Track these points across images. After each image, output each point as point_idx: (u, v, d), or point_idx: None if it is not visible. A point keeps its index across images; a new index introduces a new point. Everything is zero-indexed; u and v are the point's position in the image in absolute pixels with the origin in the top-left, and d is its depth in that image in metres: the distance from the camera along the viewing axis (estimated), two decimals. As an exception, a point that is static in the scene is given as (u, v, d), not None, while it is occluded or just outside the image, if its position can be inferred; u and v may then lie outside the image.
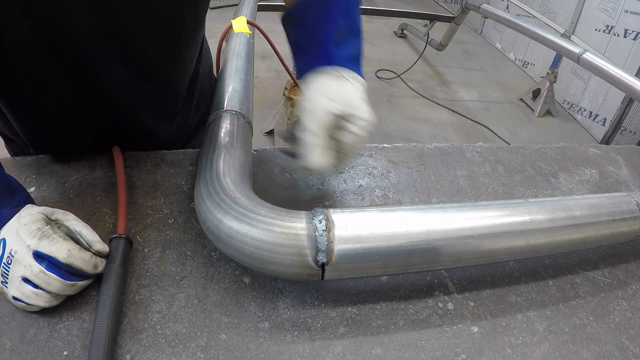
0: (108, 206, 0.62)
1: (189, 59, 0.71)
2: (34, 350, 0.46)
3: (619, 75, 1.55)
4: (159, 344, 0.48)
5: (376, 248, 0.47)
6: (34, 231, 0.47)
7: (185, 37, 0.65)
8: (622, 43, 2.96)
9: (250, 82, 0.78)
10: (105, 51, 0.57)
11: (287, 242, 0.45)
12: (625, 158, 0.89)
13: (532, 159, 0.84)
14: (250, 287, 0.54)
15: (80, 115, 0.64)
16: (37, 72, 0.56)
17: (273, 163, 0.74)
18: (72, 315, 0.49)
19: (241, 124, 0.64)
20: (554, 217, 0.54)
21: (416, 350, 0.50)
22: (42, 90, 0.59)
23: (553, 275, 0.61)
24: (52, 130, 0.67)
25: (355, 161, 0.77)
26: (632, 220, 0.58)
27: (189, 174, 0.69)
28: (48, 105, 0.61)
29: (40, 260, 0.46)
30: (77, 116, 0.64)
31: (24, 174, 0.66)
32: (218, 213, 0.48)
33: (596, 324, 0.55)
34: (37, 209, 0.50)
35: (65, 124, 0.66)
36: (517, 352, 0.51)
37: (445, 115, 3.28)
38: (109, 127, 0.68)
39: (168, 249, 0.57)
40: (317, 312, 0.53)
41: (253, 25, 1.06)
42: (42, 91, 0.59)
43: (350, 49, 0.59)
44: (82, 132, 0.68)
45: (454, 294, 0.57)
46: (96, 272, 0.49)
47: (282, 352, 0.48)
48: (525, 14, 3.93)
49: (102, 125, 0.68)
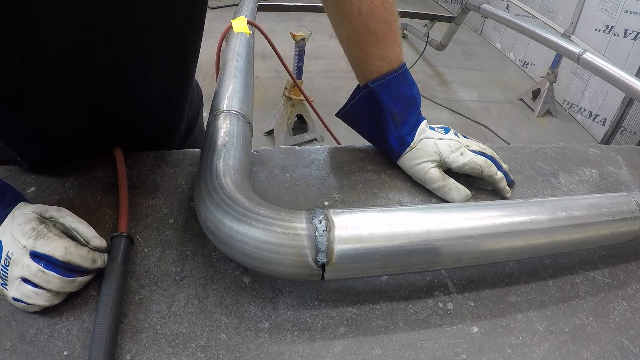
0: (108, 206, 0.62)
1: (190, 79, 0.74)
2: (34, 350, 0.46)
3: (619, 75, 1.55)
4: (159, 344, 0.48)
5: (376, 248, 0.47)
6: (28, 231, 0.46)
7: (191, 58, 0.68)
8: (622, 43, 2.97)
9: (250, 82, 0.78)
10: (109, 84, 0.57)
11: (287, 242, 0.45)
12: (625, 158, 0.89)
13: (532, 159, 0.84)
14: (250, 287, 0.54)
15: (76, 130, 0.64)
16: (35, 106, 0.56)
17: (273, 163, 0.74)
18: (72, 315, 0.49)
19: (241, 124, 0.64)
20: (554, 217, 0.54)
21: (416, 350, 0.50)
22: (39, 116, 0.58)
23: (553, 275, 0.61)
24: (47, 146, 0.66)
25: (355, 161, 0.77)
26: (632, 220, 0.58)
27: (189, 174, 0.69)
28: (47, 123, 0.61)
29: (38, 260, 0.46)
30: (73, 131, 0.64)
31: (24, 174, 0.66)
32: (218, 213, 0.48)
33: (596, 324, 0.55)
34: (30, 208, 0.50)
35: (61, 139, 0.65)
36: (517, 352, 0.51)
37: (445, 115, 3.28)
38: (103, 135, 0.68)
39: (168, 249, 0.57)
40: (317, 312, 0.53)
41: (253, 25, 1.06)
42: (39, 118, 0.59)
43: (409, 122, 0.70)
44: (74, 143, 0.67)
45: (454, 294, 0.57)
46: (95, 267, 0.49)
47: (282, 352, 0.48)
48: (525, 14, 3.93)
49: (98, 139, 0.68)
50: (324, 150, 0.79)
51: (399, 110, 0.69)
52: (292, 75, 1.64)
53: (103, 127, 0.65)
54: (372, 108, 0.70)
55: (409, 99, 0.70)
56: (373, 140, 0.76)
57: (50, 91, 0.54)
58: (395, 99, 0.68)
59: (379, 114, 0.70)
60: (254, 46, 0.97)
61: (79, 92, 0.56)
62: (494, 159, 0.71)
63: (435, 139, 0.70)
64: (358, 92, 0.71)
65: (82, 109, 0.59)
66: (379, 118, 0.70)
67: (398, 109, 0.69)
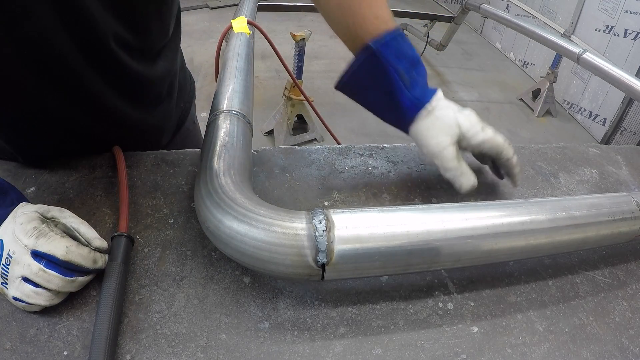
0: (108, 206, 0.62)
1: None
2: (34, 350, 0.46)
3: (619, 75, 1.55)
4: (159, 344, 0.48)
5: (376, 248, 0.47)
6: (30, 230, 0.47)
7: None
8: (622, 43, 2.97)
9: (250, 82, 0.78)
10: (85, 63, 0.57)
11: (287, 242, 0.45)
12: (625, 158, 0.89)
13: (532, 159, 0.84)
14: (250, 287, 0.54)
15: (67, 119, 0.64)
16: (22, 85, 0.56)
17: (273, 163, 0.74)
18: (72, 315, 0.49)
19: (241, 124, 0.64)
20: (554, 217, 0.54)
21: (416, 350, 0.50)
22: (30, 101, 0.58)
23: (553, 275, 0.61)
24: (38, 135, 0.65)
25: (355, 161, 0.77)
26: (632, 220, 0.58)
27: (189, 174, 0.69)
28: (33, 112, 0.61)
29: (39, 259, 0.46)
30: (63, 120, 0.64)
31: (24, 175, 0.66)
32: (218, 213, 0.48)
33: (596, 324, 0.55)
34: (32, 208, 0.50)
35: (52, 128, 0.65)
36: (517, 352, 0.51)
37: (445, 115, 3.27)
38: (98, 126, 0.68)
39: (168, 249, 0.57)
40: (317, 312, 0.53)
41: (253, 25, 1.06)
42: (29, 101, 0.58)
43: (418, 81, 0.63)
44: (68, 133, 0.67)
45: (454, 294, 0.57)
46: (95, 267, 0.49)
47: (282, 352, 0.48)
48: (525, 14, 3.93)
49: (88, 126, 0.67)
50: (324, 150, 0.79)
51: (406, 69, 0.62)
52: (292, 75, 1.64)
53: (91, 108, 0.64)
54: (376, 72, 0.63)
55: (413, 59, 0.63)
56: (380, 110, 0.67)
57: (33, 68, 0.54)
58: (399, 58, 0.61)
59: (383, 77, 0.62)
60: (254, 46, 0.97)
61: (60, 73, 0.56)
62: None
63: (456, 111, 0.64)
64: (358, 58, 0.63)
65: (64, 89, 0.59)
66: (385, 81, 0.62)
67: (404, 67, 0.62)
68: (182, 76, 0.86)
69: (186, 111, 0.92)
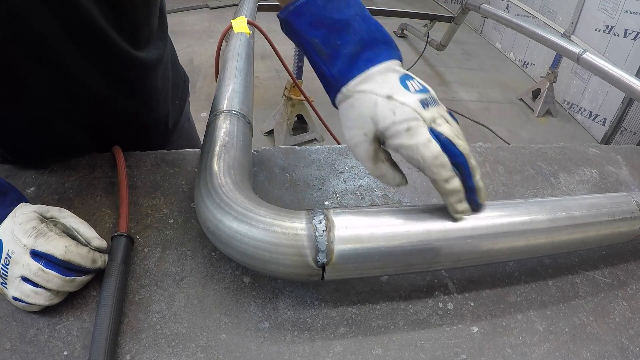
0: (108, 206, 0.62)
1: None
2: (34, 350, 0.46)
3: (619, 75, 1.55)
4: (159, 344, 0.48)
5: (376, 248, 0.47)
6: (29, 230, 0.47)
7: None
8: (622, 43, 2.97)
9: (250, 82, 0.78)
10: (71, 44, 0.55)
11: (287, 242, 0.45)
12: (625, 158, 0.89)
13: (532, 159, 0.84)
14: (250, 287, 0.54)
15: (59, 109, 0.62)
16: (9, 70, 0.54)
17: (273, 163, 0.74)
18: (72, 315, 0.49)
19: (241, 124, 0.64)
20: (554, 217, 0.54)
21: (416, 350, 0.50)
22: (15, 88, 0.57)
23: (553, 275, 0.61)
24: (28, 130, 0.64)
25: (355, 161, 0.77)
26: (632, 220, 0.58)
27: (189, 174, 0.69)
28: (23, 103, 0.59)
29: (38, 259, 0.46)
30: (54, 111, 0.62)
31: (24, 175, 0.66)
32: (218, 213, 0.48)
33: (596, 324, 0.55)
34: (31, 208, 0.50)
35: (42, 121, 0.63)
36: (517, 352, 0.51)
37: (445, 115, 3.28)
38: (88, 119, 0.67)
39: (168, 249, 0.57)
40: (317, 312, 0.53)
41: (253, 25, 1.06)
42: (15, 90, 0.57)
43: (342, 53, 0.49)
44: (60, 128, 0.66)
45: (454, 294, 0.57)
46: (95, 267, 0.49)
47: (282, 352, 0.48)
48: (525, 14, 3.93)
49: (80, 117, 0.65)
50: (324, 150, 0.79)
51: (322, 39, 0.49)
52: (292, 75, 1.63)
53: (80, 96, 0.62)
54: (294, 40, 0.54)
55: (337, 24, 0.49)
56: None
57: (17, 50, 0.52)
58: (314, 26, 0.50)
59: (300, 47, 0.53)
60: (254, 46, 0.97)
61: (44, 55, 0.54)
62: (466, 162, 0.47)
63: (382, 96, 0.47)
64: None
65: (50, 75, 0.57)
66: (307, 54, 0.52)
67: (319, 37, 0.49)
68: (175, 71, 0.85)
69: (181, 108, 0.92)
